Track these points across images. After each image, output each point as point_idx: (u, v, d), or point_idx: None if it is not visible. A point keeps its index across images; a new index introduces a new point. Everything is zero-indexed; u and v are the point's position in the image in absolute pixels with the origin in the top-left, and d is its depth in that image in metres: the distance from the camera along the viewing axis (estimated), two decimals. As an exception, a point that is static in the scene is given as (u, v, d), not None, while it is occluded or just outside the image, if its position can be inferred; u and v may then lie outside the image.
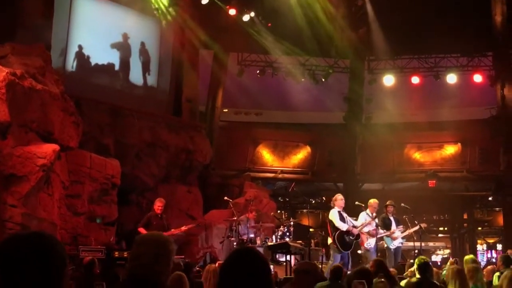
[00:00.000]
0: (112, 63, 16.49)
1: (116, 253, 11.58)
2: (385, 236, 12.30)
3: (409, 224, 12.61)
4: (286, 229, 13.90)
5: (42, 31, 13.00)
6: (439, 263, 17.11)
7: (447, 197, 22.06)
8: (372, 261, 7.45)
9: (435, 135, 21.28)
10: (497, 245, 24.09)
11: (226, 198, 14.15)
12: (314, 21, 18.31)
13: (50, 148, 10.69)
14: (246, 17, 18.67)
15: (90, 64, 15.88)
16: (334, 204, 12.01)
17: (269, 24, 19.11)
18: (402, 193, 19.43)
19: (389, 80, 21.01)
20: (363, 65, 21.39)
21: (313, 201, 23.55)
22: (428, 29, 18.55)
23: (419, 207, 18.08)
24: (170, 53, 17.98)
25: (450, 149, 21.45)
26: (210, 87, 20.21)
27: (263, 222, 14.50)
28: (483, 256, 23.37)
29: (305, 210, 23.49)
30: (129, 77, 16.98)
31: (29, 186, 10.11)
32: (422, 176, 21.24)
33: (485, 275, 7.64)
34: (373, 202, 12.38)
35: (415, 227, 12.60)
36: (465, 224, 23.93)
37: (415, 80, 20.93)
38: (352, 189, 19.75)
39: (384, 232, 12.32)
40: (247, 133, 21.67)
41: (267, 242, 13.33)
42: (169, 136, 16.32)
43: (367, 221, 11.91)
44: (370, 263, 7.41)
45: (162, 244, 3.03)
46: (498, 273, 7.71)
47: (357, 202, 12.24)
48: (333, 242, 11.68)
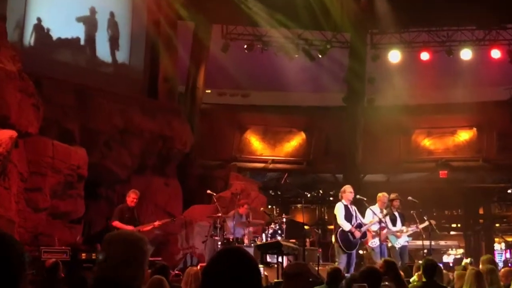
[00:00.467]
0: (77, 37, 16.39)
1: (83, 255, 11.57)
2: (390, 234, 12.39)
3: (417, 220, 12.71)
4: (278, 227, 13.94)
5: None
6: (451, 265, 17.26)
7: (461, 190, 22.21)
8: (383, 261, 7.49)
9: (447, 119, 21.36)
10: (517, 244, 24.33)
11: (209, 192, 14.14)
12: (310, -11, 18.26)
13: (6, 135, 10.61)
14: (232, -17, 18.56)
15: (51, 39, 15.76)
16: (342, 197, 12.06)
17: (259, -8, 19.02)
18: (410, 185, 19.55)
19: (395, 56, 21.02)
20: (365, 39, 21.36)
21: (309, 195, 23.66)
22: (440, -2, 18.57)
23: (429, 201, 18.21)
24: (144, 26, 17.88)
25: (464, 135, 21.57)
26: (191, 65, 20.10)
27: (252, 219, 14.52)
28: (501, 256, 23.57)
29: (300, 205, 23.59)
30: (97, 53, 16.88)
31: (-18, 179, 10.05)
32: (432, 166, 21.36)
33: (502, 279, 7.72)
34: (382, 196, 12.44)
35: (424, 224, 12.69)
36: (481, 220, 24.12)
37: (425, 56, 20.95)
38: (353, 181, 19.79)
39: (394, 230, 12.39)
40: (233, 117, 21.63)
41: (256, 242, 13.36)
42: (144, 121, 16.26)
43: (375, 220, 11.95)
44: (380, 263, 7.46)
45: (135, 244, 3.02)
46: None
47: (359, 196, 12.29)
48: (336, 241, 11.74)
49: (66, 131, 14.12)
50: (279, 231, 13.86)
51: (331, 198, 23.03)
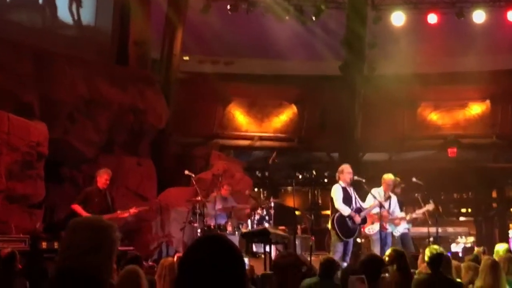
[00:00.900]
0: (35, -5, 16.24)
1: (44, 244, 11.56)
2: (387, 221, 12.44)
3: (422, 205, 12.79)
4: (265, 212, 14.00)
5: None
6: (461, 254, 17.41)
7: (472, 170, 22.29)
8: (392, 250, 7.53)
9: (457, 90, 21.43)
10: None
11: (188, 173, 14.14)
12: None
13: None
14: None
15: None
16: (339, 178, 12.07)
17: None
18: (414, 165, 19.66)
19: (399, 19, 20.96)
20: (366, -1, 21.31)
21: (300, 176, 23.70)
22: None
23: (436, 183, 18.29)
24: (112, -18, 17.74)
25: (476, 108, 21.66)
26: (166, 27, 19.96)
27: (236, 203, 14.57)
28: (517, 245, 23.82)
29: (290, 188, 23.56)
30: (57, 13, 16.72)
31: None
32: (440, 143, 21.46)
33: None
34: (388, 179, 12.48)
35: (422, 209, 12.77)
36: (494, 204, 24.30)
37: (432, 19, 20.91)
38: (351, 160, 19.81)
39: (393, 217, 12.47)
40: (215, 88, 21.54)
41: (241, 229, 13.42)
42: (112, 91, 16.18)
43: (375, 203, 11.99)
44: (389, 252, 7.51)
45: (102, 231, 3.01)
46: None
47: (357, 177, 12.31)
48: (332, 227, 11.80)
49: (23, 103, 14.01)
50: (267, 217, 13.91)
51: (326, 180, 23.10)
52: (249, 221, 13.95)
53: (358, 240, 13.64)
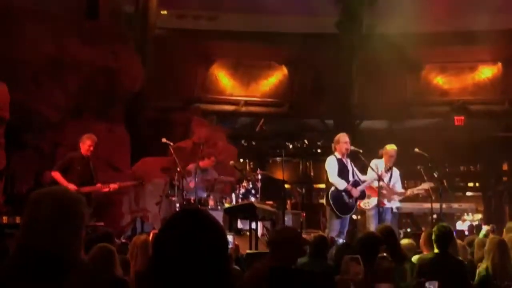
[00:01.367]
0: None
1: (4, 218, 11.56)
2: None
3: (425, 178, 12.85)
4: (252, 185, 14.04)
5: None
6: (467, 233, 17.57)
7: (481, 140, 22.41)
8: (381, 227, 7.58)
9: (466, 52, 21.44)
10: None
11: (165, 141, 14.11)
12: None
13: None
14: None
15: None
16: (335, 148, 12.08)
17: None
18: (417, 134, 19.70)
19: (403, -29, 20.91)
20: None
21: (291, 146, 23.72)
22: None
23: (441, 154, 18.37)
24: None
25: (487, 72, 21.70)
26: (141, -23, 19.85)
27: (219, 175, 14.60)
28: (529, 222, 24.00)
29: (279, 159, 23.65)
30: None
31: None
32: (446, 110, 21.53)
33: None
34: (391, 150, 12.48)
35: (418, 187, 12.85)
36: (505, 178, 24.46)
37: (440, -29, 20.88)
38: (347, 128, 19.88)
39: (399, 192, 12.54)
40: (196, 47, 21.48)
41: (224, 203, 13.46)
42: (81, 49, 16.09)
43: (374, 178, 12.01)
44: (377, 229, 7.57)
45: (69, 205, 3.02)
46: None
47: (353, 147, 12.34)
48: (328, 203, 11.84)
49: (-19, 62, 13.94)
50: (253, 191, 13.96)
51: (319, 150, 23.14)
52: (233, 195, 13.98)
53: (354, 217, 13.71)
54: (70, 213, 3.00)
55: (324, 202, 12.13)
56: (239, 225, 13.62)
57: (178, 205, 13.22)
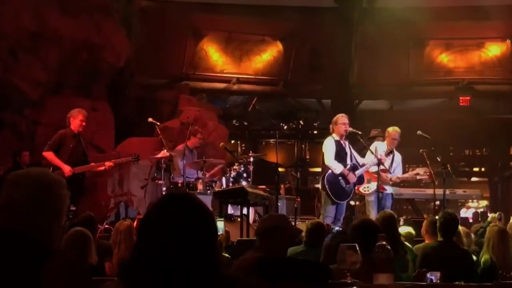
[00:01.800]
0: None
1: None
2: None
3: (428, 162, 12.88)
4: (243, 168, 14.05)
5: None
6: (471, 220, 17.65)
7: (487, 122, 22.46)
8: (382, 214, 7.59)
9: (472, 28, 21.42)
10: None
11: (151, 120, 14.10)
12: None
13: None
14: None
15: None
16: (333, 130, 12.07)
17: None
18: (420, 116, 19.76)
19: None
20: None
21: (285, 127, 23.72)
22: None
23: (444, 137, 18.43)
24: None
25: (495, 49, 21.68)
26: None
27: (209, 157, 14.60)
28: (537, 210, 24.11)
29: (273, 140, 23.67)
30: None
31: None
32: (451, 90, 21.52)
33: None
34: (393, 132, 12.48)
35: (412, 172, 12.89)
36: (512, 163, 24.55)
37: None
38: (345, 109, 19.89)
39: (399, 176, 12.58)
40: (185, 20, 21.40)
41: (214, 187, 13.47)
42: (62, 22, 16.06)
43: (374, 162, 12.00)
44: (378, 217, 7.59)
45: (49, 186, 3.01)
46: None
47: (352, 129, 12.35)
48: (323, 187, 11.85)
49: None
50: (245, 174, 13.97)
51: (315, 132, 23.17)
52: (224, 179, 13.99)
53: (352, 203, 13.73)
54: (51, 196, 3.00)
55: (320, 186, 12.14)
56: (230, 211, 13.65)
57: (165, 189, 13.23)
